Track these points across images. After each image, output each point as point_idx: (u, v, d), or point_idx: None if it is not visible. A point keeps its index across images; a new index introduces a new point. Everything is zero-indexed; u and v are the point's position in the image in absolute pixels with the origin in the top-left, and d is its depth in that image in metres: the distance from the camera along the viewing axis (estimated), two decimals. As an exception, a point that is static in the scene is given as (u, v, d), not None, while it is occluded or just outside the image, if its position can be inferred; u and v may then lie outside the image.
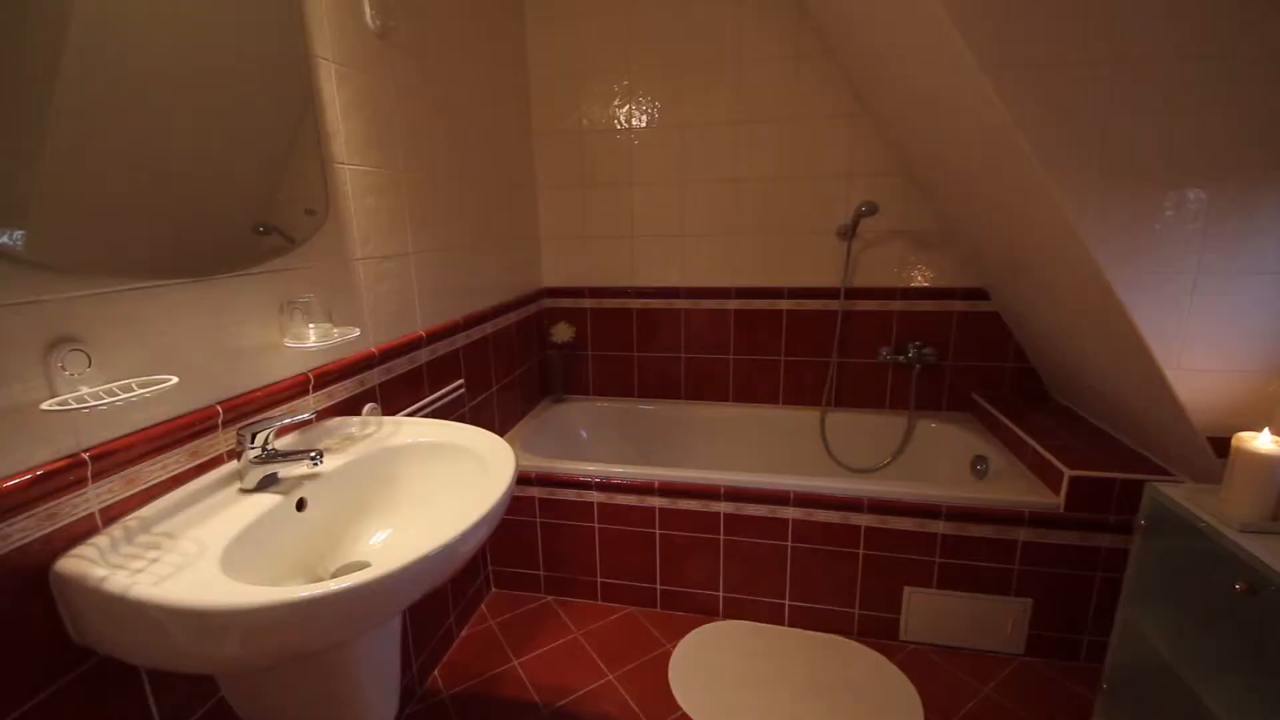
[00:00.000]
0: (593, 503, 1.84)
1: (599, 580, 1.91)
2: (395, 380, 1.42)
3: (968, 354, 2.15)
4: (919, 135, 1.79)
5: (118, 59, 0.82)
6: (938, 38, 1.28)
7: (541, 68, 2.20)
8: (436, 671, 1.65)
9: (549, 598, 1.96)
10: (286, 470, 0.98)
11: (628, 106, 2.19)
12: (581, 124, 2.23)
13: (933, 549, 1.63)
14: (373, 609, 0.75)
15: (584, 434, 2.41)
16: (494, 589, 2.00)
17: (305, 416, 1.00)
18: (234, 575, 0.74)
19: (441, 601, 1.68)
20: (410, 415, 1.46)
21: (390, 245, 1.41)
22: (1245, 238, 1.21)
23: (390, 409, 1.41)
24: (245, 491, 0.94)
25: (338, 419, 1.19)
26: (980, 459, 1.91)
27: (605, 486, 1.82)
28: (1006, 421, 1.87)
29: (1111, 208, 1.24)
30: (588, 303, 2.41)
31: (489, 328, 1.92)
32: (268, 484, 0.95)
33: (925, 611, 1.68)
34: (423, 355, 1.53)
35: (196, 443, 0.94)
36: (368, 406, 1.30)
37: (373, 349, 1.34)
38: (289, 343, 1.07)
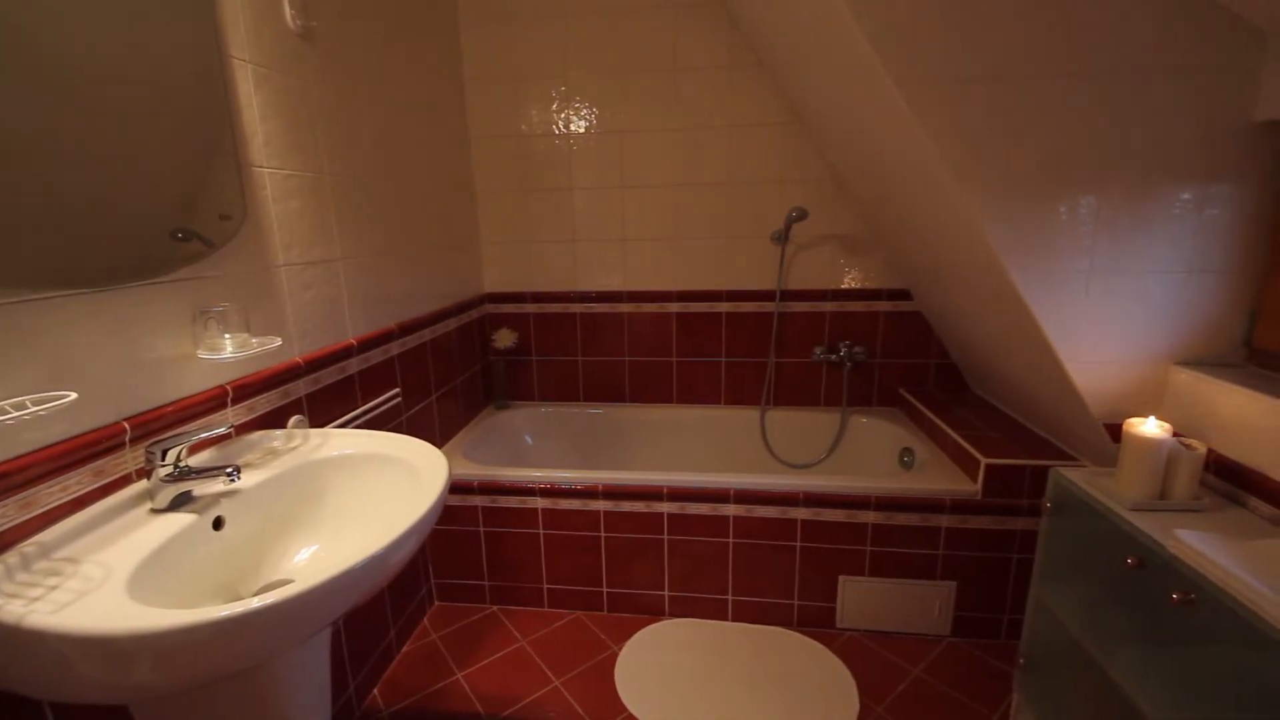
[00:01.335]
0: (537, 508, 1.83)
1: (545, 587, 1.90)
2: (324, 391, 1.38)
3: (894, 352, 2.25)
4: (843, 144, 1.87)
5: (10, 56, 0.77)
6: (855, 55, 1.35)
7: (477, 72, 2.18)
8: (376, 690, 1.60)
9: (494, 607, 1.93)
10: (201, 488, 0.93)
11: (566, 112, 2.20)
12: (520, 129, 2.22)
13: (864, 538, 1.70)
14: (293, 627, 0.73)
15: (529, 440, 2.40)
16: (437, 602, 1.96)
17: (221, 431, 0.96)
18: (144, 599, 0.71)
19: (380, 618, 1.63)
20: (341, 427, 1.42)
21: (316, 251, 1.36)
22: (1130, 239, 1.33)
23: (319, 421, 1.37)
24: (156, 512, 0.89)
25: (259, 433, 1.14)
26: (907, 451, 2.00)
27: (549, 492, 1.81)
28: (930, 415, 1.97)
29: (1014, 213, 1.33)
30: (530, 308, 2.40)
31: (427, 334, 1.88)
32: (181, 503, 0.91)
33: (859, 599, 1.75)
34: (354, 364, 1.49)
35: (101, 462, 0.89)
36: (293, 419, 1.25)
37: (298, 359, 1.29)
38: (203, 354, 1.02)
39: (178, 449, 0.91)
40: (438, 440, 1.98)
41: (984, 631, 1.73)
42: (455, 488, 1.83)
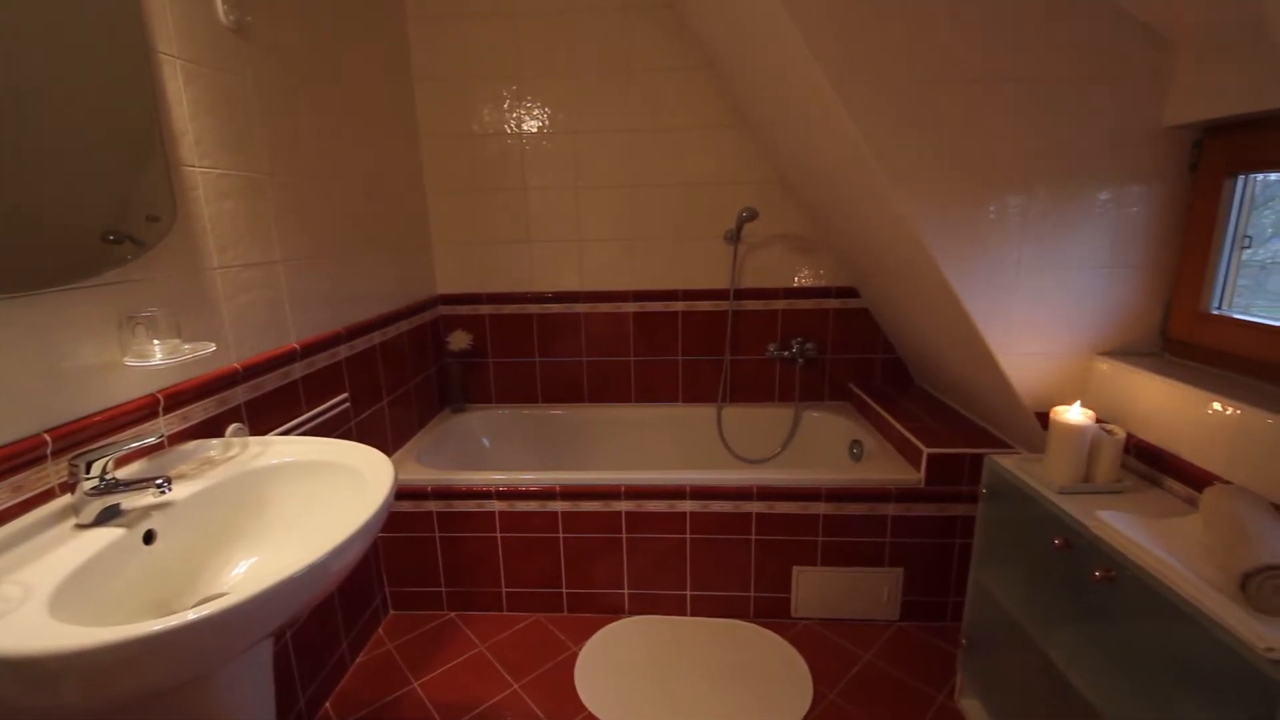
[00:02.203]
0: (494, 512, 1.82)
1: (504, 590, 1.88)
2: (265, 397, 1.34)
3: (844, 348, 2.32)
4: (788, 145, 1.91)
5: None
6: (795, 59, 1.39)
7: (426, 70, 2.15)
8: (328, 703, 1.56)
9: (452, 614, 1.91)
10: (130, 501, 0.90)
11: (518, 112, 2.18)
12: (471, 128, 2.20)
13: (816, 529, 1.75)
14: (229, 640, 0.71)
15: (486, 443, 2.37)
16: (392, 611, 1.92)
17: (151, 441, 0.92)
18: (69, 618, 0.68)
19: (331, 629, 1.59)
20: (286, 434, 1.38)
21: (254, 253, 1.32)
22: (1055, 237, 1.40)
23: (262, 428, 1.33)
24: (82, 527, 0.85)
25: (195, 442, 1.10)
26: (856, 443, 2.06)
27: (506, 494, 1.80)
28: (877, 408, 2.03)
29: (946, 214, 1.39)
30: (485, 309, 2.38)
31: (377, 337, 1.84)
32: (109, 517, 0.87)
33: (813, 588, 1.80)
34: (297, 369, 1.45)
35: (20, 476, 0.84)
36: (232, 427, 1.21)
37: (235, 365, 1.25)
38: (131, 361, 0.98)
39: (103, 461, 0.87)
40: (390, 446, 1.94)
41: (930, 615, 1.80)
42: (408, 493, 1.80)
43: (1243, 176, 1.29)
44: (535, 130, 2.19)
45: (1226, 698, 0.85)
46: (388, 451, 1.92)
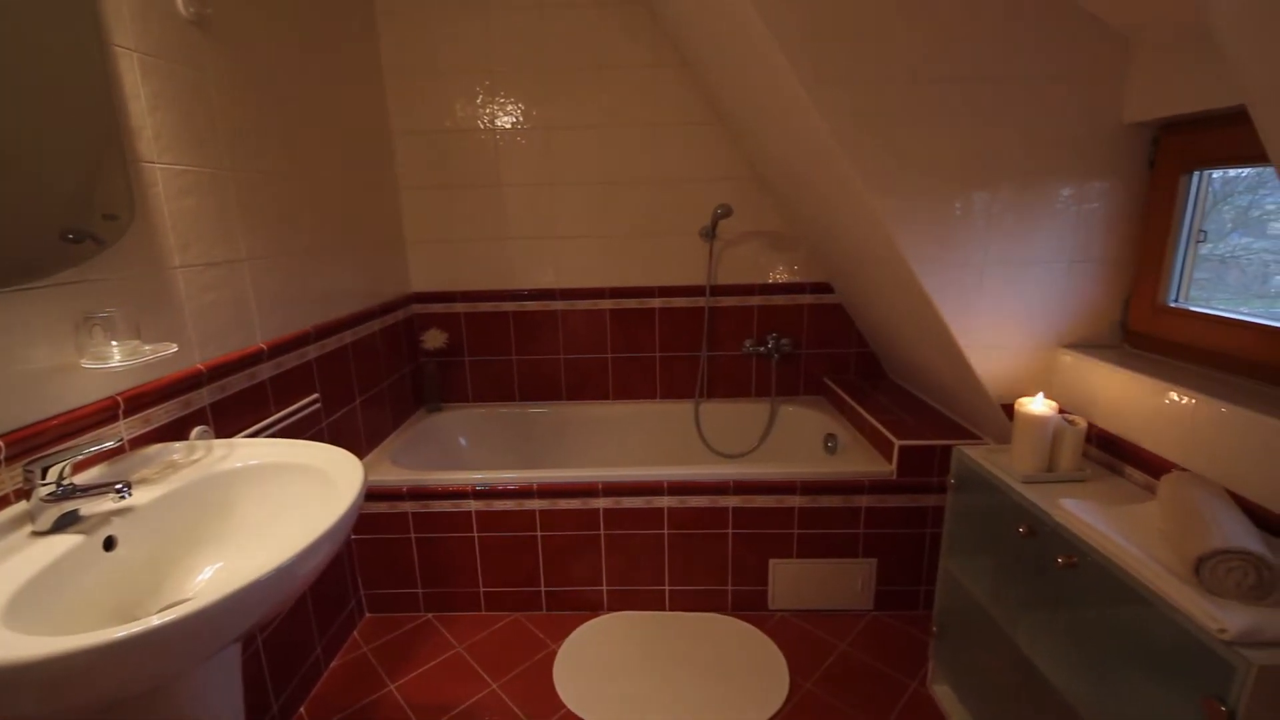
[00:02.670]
0: (470, 511, 1.80)
1: (481, 590, 1.87)
2: (232, 399, 1.31)
3: (818, 342, 2.34)
4: (762, 143, 1.92)
5: None
6: (768, 58, 1.39)
7: (396, 64, 2.11)
8: (303, 708, 1.54)
9: (429, 615, 1.89)
10: (89, 507, 0.87)
11: (491, 107, 2.16)
12: (444, 124, 2.17)
13: (791, 522, 1.77)
14: (194, 646, 0.69)
15: (463, 442, 2.35)
16: (367, 614, 1.89)
17: (110, 445, 0.90)
18: (26, 628, 0.66)
19: (305, 634, 1.57)
20: (254, 436, 1.35)
21: (217, 251, 1.29)
22: (1018, 233, 1.43)
23: (229, 430, 1.30)
24: (39, 534, 0.83)
25: (157, 446, 1.07)
26: (831, 436, 2.09)
27: (482, 493, 1.79)
28: (851, 401, 2.06)
29: (914, 210, 1.41)
30: (460, 307, 2.35)
31: (348, 337, 1.82)
32: (67, 524, 0.85)
33: (789, 580, 1.82)
34: (265, 370, 1.42)
35: (-30, 484, 0.82)
36: (196, 430, 1.19)
37: (199, 366, 1.22)
38: (88, 364, 0.95)
39: (60, 466, 0.85)
40: (363, 447, 1.91)
41: (903, 604, 1.83)
42: (382, 495, 1.78)
43: (1197, 173, 1.33)
44: (509, 126, 2.17)
45: (1182, 677, 0.88)
46: (361, 453, 1.90)
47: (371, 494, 1.78)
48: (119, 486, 0.85)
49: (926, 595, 1.81)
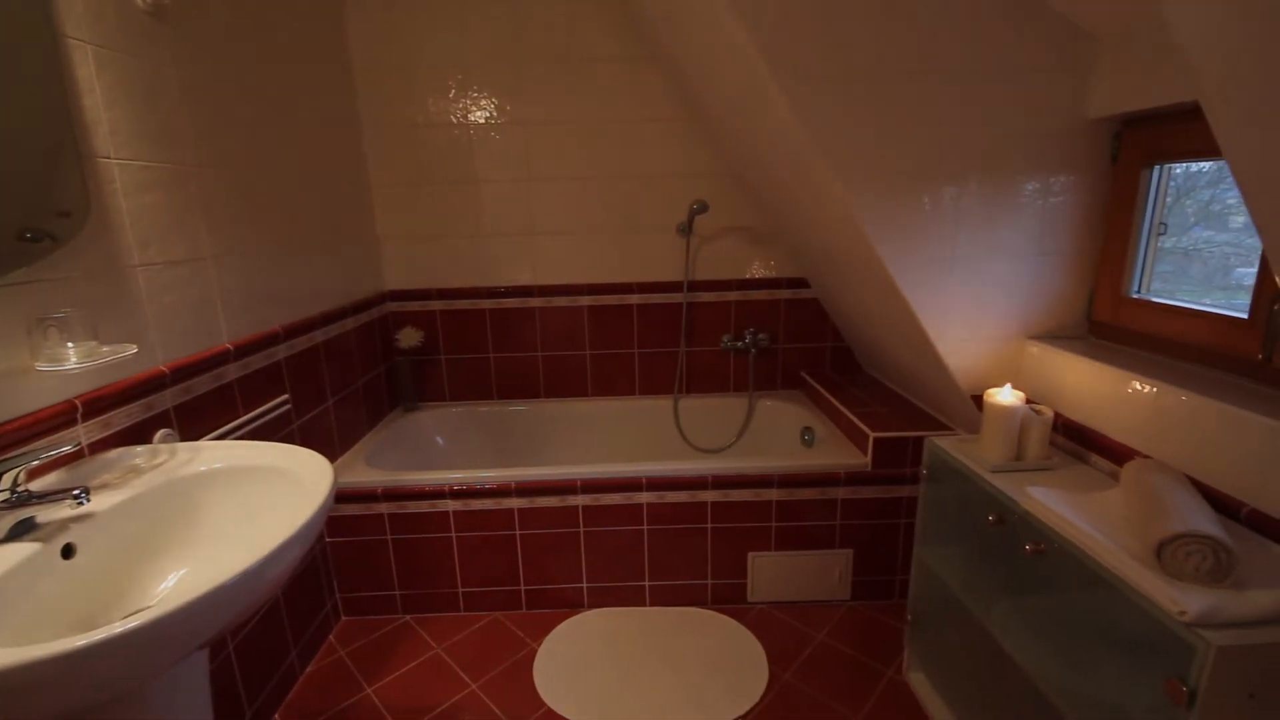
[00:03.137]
0: (448, 511, 1.79)
1: (460, 590, 1.86)
2: (197, 401, 1.28)
3: (795, 337, 2.36)
4: (738, 140, 1.93)
5: None
6: (741, 53, 1.39)
7: (366, 57, 2.07)
8: (277, 715, 1.51)
9: (407, 617, 1.87)
10: (46, 514, 0.84)
11: (464, 102, 2.13)
12: (416, 119, 2.14)
13: (769, 515, 1.78)
14: (156, 654, 0.68)
15: (440, 441, 2.33)
16: (344, 617, 1.87)
17: (66, 450, 0.87)
18: (-23, 640, 0.64)
19: (279, 639, 1.54)
20: (221, 438, 1.32)
21: (180, 249, 1.26)
22: (986, 226, 1.46)
23: (194, 433, 1.27)
24: (-9, 543, 0.80)
25: (118, 450, 1.04)
26: (807, 429, 2.11)
27: (460, 493, 1.77)
28: (827, 395, 2.08)
29: (885, 205, 1.43)
30: (436, 305, 2.32)
31: (319, 336, 1.78)
32: (22, 531, 0.82)
33: (767, 573, 1.83)
34: (232, 371, 1.39)
35: (-84, 493, 0.78)
36: (160, 433, 1.15)
37: (162, 367, 1.19)
38: (43, 366, 0.92)
39: (15, 472, 0.82)
40: (337, 448, 1.88)
41: (879, 593, 1.86)
42: (357, 496, 1.75)
43: (1158, 167, 1.37)
44: (483, 121, 2.15)
45: (1145, 658, 0.91)
46: (335, 454, 1.87)
47: (346, 496, 1.75)
48: (76, 492, 0.83)
49: (902, 584, 1.84)
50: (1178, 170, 1.37)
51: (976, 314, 1.51)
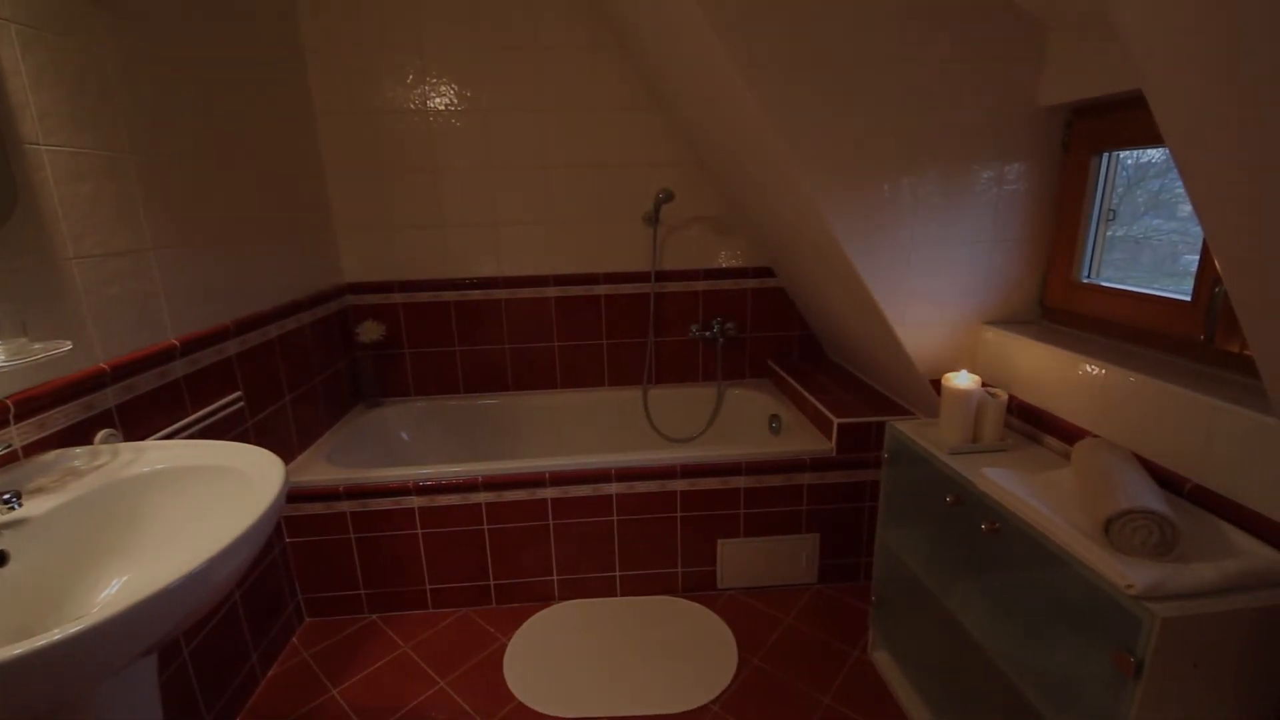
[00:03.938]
0: (413, 508, 1.75)
1: (428, 588, 1.83)
2: (141, 399, 1.22)
3: (762, 326, 2.38)
4: (702, 129, 1.92)
5: None
6: (703, 45, 1.38)
7: (317, 39, 2.00)
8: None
9: (373, 616, 1.83)
10: (-27, 521, 0.80)
11: (423, 87, 2.08)
12: (372, 104, 2.07)
13: (737, 502, 1.80)
14: (94, 663, 0.64)
15: (405, 437, 2.28)
16: (307, 619, 1.82)
17: (-6, 452, 0.82)
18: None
19: (237, 643, 1.50)
20: (168, 438, 1.27)
21: (119, 241, 1.20)
22: (943, 214, 1.48)
23: (140, 433, 1.21)
24: (-88, 554, 0.75)
25: (55, 452, 0.99)
26: (774, 417, 2.13)
27: (425, 489, 1.74)
28: (793, 383, 2.11)
29: (845, 194, 1.44)
30: (398, 298, 2.27)
31: (273, 331, 1.72)
32: (-54, 541, 0.77)
33: (736, 559, 1.85)
34: (179, 368, 1.33)
35: None
36: (102, 433, 1.10)
37: (102, 365, 1.13)
38: (-34, 365, 0.87)
39: (-65, 479, 0.77)
40: (295, 446, 1.83)
41: (845, 576, 1.90)
42: (318, 495, 1.71)
43: (1106, 154, 1.40)
44: (443, 108, 2.10)
45: (1096, 631, 0.94)
46: (293, 453, 1.82)
47: (306, 495, 1.70)
48: (7, 497, 0.78)
49: (866, 567, 1.88)
50: (1129, 160, 1.41)
51: (934, 299, 1.54)
